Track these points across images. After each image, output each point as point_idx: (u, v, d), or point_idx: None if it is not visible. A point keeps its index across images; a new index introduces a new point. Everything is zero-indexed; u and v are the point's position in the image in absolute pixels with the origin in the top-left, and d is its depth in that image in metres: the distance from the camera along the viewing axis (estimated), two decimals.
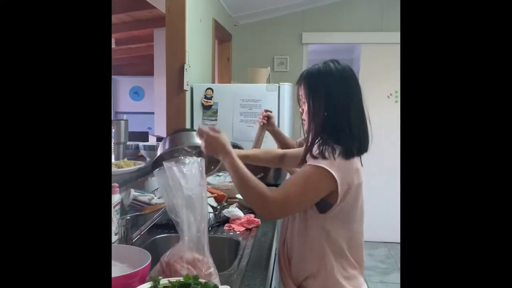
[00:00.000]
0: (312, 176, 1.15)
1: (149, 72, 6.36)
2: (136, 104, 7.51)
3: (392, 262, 3.85)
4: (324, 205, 1.18)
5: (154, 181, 2.03)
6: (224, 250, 1.56)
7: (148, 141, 5.68)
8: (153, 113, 6.18)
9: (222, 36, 3.78)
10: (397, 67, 4.44)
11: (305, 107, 1.28)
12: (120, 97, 7.60)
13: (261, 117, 2.05)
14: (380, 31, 4.20)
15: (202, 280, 0.95)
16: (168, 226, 1.62)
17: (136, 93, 7.58)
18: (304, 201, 1.18)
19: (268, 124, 2.04)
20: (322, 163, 1.14)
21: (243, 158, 1.36)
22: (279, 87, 2.67)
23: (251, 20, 4.29)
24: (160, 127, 4.60)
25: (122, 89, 7.59)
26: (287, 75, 4.15)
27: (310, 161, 1.19)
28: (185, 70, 2.52)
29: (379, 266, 3.76)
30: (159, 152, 1.47)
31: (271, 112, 2.07)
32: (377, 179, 4.15)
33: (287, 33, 4.32)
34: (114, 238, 1.41)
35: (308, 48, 4.38)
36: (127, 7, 3.80)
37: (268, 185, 2.33)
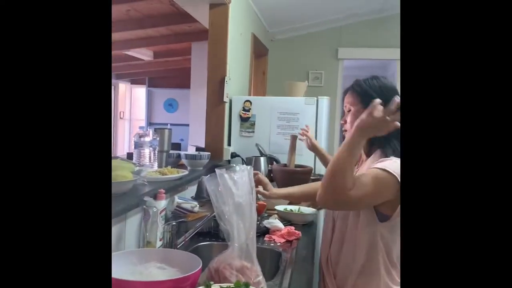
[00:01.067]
0: (384, 179, 1.12)
1: (184, 84, 6.50)
2: (170, 116, 7.66)
3: None
4: (382, 214, 1.17)
5: (192, 190, 2.06)
6: (265, 261, 1.55)
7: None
8: (186, 125, 6.29)
9: (259, 50, 3.83)
10: None
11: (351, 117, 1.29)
12: (154, 108, 7.78)
13: (302, 132, 2.06)
14: None
15: (254, 287, 0.96)
16: (210, 234, 1.63)
17: (171, 105, 7.74)
18: (369, 203, 1.17)
19: (310, 142, 2.04)
20: (391, 169, 1.13)
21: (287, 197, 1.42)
22: (317, 100, 2.67)
23: (288, 35, 4.34)
24: (195, 138, 4.66)
25: (157, 101, 7.77)
26: (322, 90, 4.15)
27: (380, 165, 1.15)
28: (225, 82, 2.57)
29: None
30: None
31: (296, 139, 2.11)
32: None
33: (323, 48, 4.34)
34: (158, 243, 1.44)
35: (343, 63, 4.38)
36: (168, 20, 3.91)
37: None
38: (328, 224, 1.39)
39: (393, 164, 1.15)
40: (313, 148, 2.03)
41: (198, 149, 2.52)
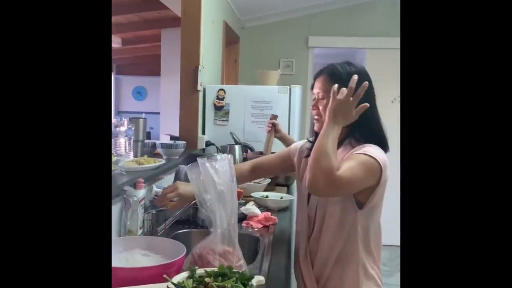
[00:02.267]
0: (370, 164, 1.15)
1: (153, 72, 6.41)
2: (139, 104, 7.55)
3: (393, 265, 3.90)
4: (358, 201, 1.22)
5: (169, 179, 2.07)
6: (244, 246, 1.60)
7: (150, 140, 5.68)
8: (156, 113, 6.22)
9: (230, 38, 3.83)
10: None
11: (324, 102, 1.26)
12: (122, 96, 7.63)
13: (267, 124, 2.11)
14: (385, 36, 4.27)
15: (236, 270, 1.00)
16: (188, 221, 1.67)
17: (139, 93, 7.61)
18: (358, 186, 1.17)
19: (275, 130, 2.09)
20: (375, 155, 1.16)
21: None
22: (290, 89, 2.72)
23: (259, 22, 4.35)
24: (167, 127, 4.63)
25: (125, 88, 7.62)
26: (293, 78, 4.21)
27: (362, 151, 1.18)
28: (199, 71, 2.57)
29: (381, 269, 3.81)
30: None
31: (276, 117, 2.14)
32: None
33: (293, 36, 4.38)
34: (139, 232, 1.46)
35: (313, 52, 4.44)
36: (137, 7, 3.84)
37: (278, 185, 2.39)
38: (302, 216, 1.37)
39: (376, 151, 1.19)
40: (281, 137, 2.09)
41: (172, 138, 2.52)
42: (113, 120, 1.89)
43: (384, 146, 1.25)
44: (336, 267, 1.27)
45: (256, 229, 1.66)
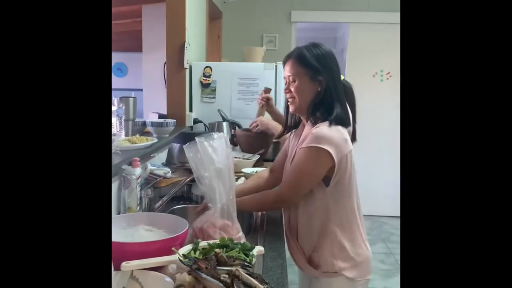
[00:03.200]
0: (313, 157, 1.27)
1: (133, 48, 6.29)
2: (120, 81, 7.42)
3: (375, 234, 4.07)
4: (326, 179, 1.31)
5: (161, 157, 2.11)
6: (238, 220, 1.67)
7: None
8: (138, 89, 6.14)
9: (213, 13, 3.81)
10: (383, 47, 4.53)
11: (295, 85, 1.37)
12: None
13: (260, 98, 2.16)
14: (367, 11, 4.30)
15: (237, 242, 1.07)
16: (183, 198, 1.73)
17: (120, 70, 7.49)
18: (313, 181, 1.31)
19: (267, 105, 2.15)
20: (320, 144, 1.26)
21: (240, 194, 1.44)
22: (276, 66, 2.76)
23: None
24: (151, 104, 4.61)
25: None
26: (276, 53, 4.22)
27: (307, 143, 1.29)
28: (185, 48, 2.58)
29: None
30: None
31: (270, 91, 2.18)
32: (359, 156, 4.33)
33: (276, 11, 4.37)
34: (137, 208, 1.51)
35: (296, 26, 4.45)
36: None
37: (266, 160, 2.45)
38: None
39: (326, 131, 1.27)
40: (272, 112, 2.14)
41: (160, 116, 2.54)
42: None
43: (344, 122, 1.33)
44: (316, 240, 1.36)
45: None
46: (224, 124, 2.57)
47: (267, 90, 2.15)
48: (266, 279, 0.79)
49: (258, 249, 1.05)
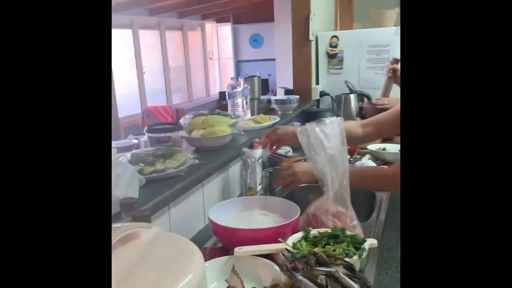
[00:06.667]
0: None
1: (268, 18, 6.38)
2: (256, 52, 7.70)
3: None
4: None
5: None
6: (359, 203, 1.62)
7: (268, 88, 5.78)
8: (272, 59, 6.28)
9: None
10: None
11: None
12: (240, 45, 7.85)
13: (387, 69, 2.00)
14: None
15: (349, 233, 1.03)
16: None
17: (256, 41, 7.74)
18: None
19: (395, 77, 1.98)
20: None
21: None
22: None
23: None
24: (282, 74, 4.70)
25: (242, 37, 7.81)
26: None
27: None
28: (310, 20, 2.52)
29: None
30: None
31: (398, 62, 2.00)
32: None
33: None
34: (258, 188, 1.57)
35: None
36: None
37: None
38: None
39: None
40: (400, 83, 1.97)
41: (286, 92, 2.57)
42: (230, 82, 2.00)
43: None
44: None
45: None
46: (352, 96, 2.47)
47: (395, 61, 1.98)
48: (371, 280, 0.75)
49: (371, 242, 1.01)
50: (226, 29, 8.04)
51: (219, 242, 1.15)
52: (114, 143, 1.62)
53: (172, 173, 1.12)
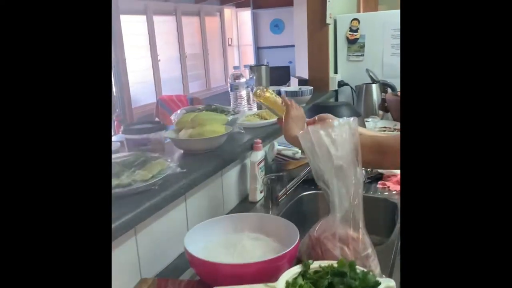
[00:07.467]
0: None
1: (289, 2, 6.07)
2: (277, 38, 7.40)
3: None
4: None
5: None
6: (379, 213, 1.38)
7: (289, 77, 5.54)
8: (293, 45, 5.99)
9: None
10: None
11: None
12: (261, 31, 7.56)
13: None
14: None
15: (360, 269, 0.81)
16: (314, 181, 1.50)
17: (276, 26, 7.44)
18: None
19: None
20: None
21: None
22: None
23: None
24: (301, 62, 4.44)
25: (262, 23, 7.52)
26: None
27: None
28: (327, 1, 2.25)
29: None
30: None
31: None
32: None
33: None
34: (259, 196, 1.36)
35: None
36: None
37: None
38: None
39: None
40: None
41: (300, 82, 2.32)
42: (234, 71, 1.77)
43: None
44: None
45: (394, 192, 1.41)
46: (374, 86, 2.21)
47: None
48: None
49: (387, 285, 0.77)
50: (245, 14, 7.76)
51: None
52: None
53: (140, 188, 0.91)
